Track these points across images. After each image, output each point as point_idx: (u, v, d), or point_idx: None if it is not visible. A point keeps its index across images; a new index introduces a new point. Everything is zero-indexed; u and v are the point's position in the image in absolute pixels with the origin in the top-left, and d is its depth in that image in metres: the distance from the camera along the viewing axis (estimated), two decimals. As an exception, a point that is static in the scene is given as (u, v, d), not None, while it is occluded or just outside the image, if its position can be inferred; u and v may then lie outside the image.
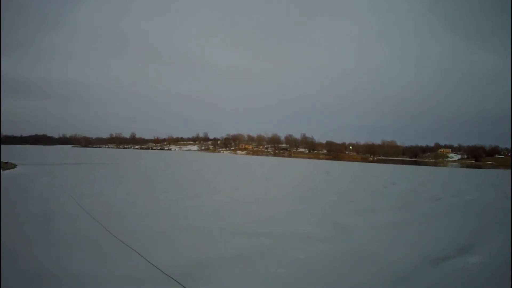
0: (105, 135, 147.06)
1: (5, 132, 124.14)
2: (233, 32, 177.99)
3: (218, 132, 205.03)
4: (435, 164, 79.04)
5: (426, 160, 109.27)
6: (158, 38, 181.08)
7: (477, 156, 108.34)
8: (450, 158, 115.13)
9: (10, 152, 35.24)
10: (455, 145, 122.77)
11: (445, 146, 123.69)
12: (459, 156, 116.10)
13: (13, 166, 18.24)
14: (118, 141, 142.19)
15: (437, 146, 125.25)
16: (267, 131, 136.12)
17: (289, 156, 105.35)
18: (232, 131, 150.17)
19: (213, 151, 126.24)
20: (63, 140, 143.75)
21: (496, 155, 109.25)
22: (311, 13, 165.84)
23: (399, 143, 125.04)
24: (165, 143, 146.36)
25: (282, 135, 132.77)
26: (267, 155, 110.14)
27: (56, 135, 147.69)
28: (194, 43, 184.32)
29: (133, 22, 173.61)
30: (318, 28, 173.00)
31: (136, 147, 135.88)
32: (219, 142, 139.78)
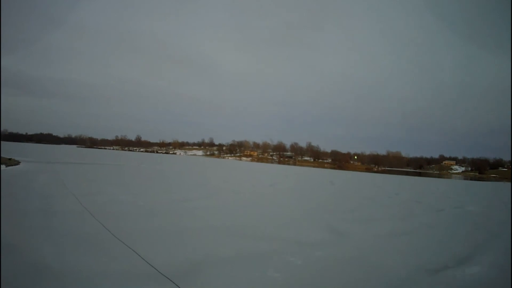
0: (110, 136, 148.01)
1: (10, 129, 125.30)
2: (244, 36, 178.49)
3: (224, 137, 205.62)
4: (439, 176, 78.36)
5: (431, 171, 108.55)
6: (167, 39, 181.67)
7: (481, 169, 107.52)
8: (454, 170, 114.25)
9: (14, 149, 35.60)
10: (460, 157, 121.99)
11: (450, 158, 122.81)
12: (463, 169, 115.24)
13: (17, 162, 18.45)
14: (123, 143, 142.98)
15: (442, 158, 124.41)
16: (273, 138, 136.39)
17: (294, 164, 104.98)
18: (238, 137, 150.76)
19: (218, 156, 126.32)
20: (68, 140, 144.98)
21: (500, 168, 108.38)
22: (322, 19, 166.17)
23: (404, 154, 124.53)
24: (171, 147, 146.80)
25: (288, 142, 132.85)
26: (272, 162, 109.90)
27: (61, 135, 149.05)
28: (203, 44, 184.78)
29: (142, 21, 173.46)
30: (328, 35, 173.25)
31: (141, 149, 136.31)
32: (224, 148, 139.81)
